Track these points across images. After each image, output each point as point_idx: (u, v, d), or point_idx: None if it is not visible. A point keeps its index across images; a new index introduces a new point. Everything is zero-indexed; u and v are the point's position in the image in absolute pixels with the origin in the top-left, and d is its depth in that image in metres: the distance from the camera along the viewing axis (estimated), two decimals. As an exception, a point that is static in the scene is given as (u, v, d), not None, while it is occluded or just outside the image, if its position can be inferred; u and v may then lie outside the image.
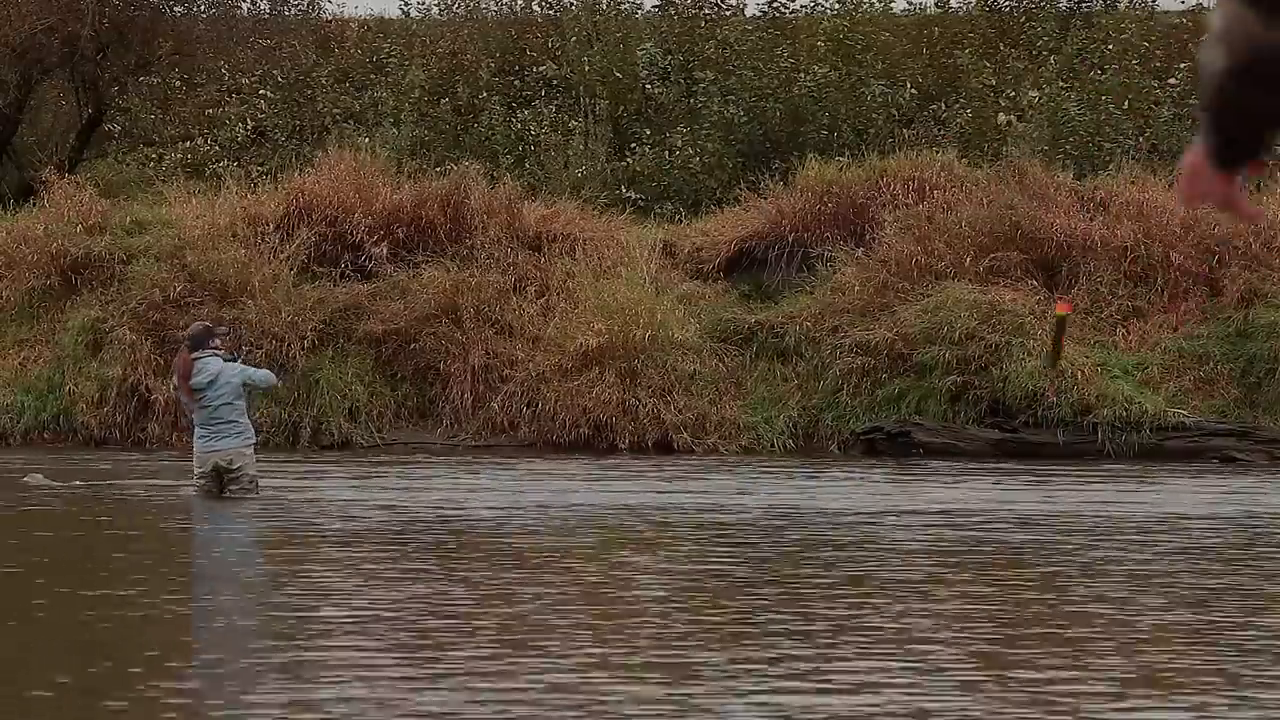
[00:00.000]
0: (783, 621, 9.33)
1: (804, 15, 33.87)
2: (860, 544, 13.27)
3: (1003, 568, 12.18)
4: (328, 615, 9.45)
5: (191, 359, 16.26)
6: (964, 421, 23.94)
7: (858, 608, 9.93)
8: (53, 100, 34.69)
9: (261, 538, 13.72)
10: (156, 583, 10.87)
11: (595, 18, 32.94)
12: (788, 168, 28.08)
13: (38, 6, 31.48)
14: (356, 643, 8.64)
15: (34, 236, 26.51)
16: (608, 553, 12.77)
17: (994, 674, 8.04)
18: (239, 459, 15.97)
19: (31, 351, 25.83)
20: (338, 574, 11.17)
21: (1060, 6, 33.59)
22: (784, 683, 7.63)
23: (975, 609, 10.06)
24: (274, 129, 32.42)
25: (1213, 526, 15.15)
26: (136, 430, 25.02)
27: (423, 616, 9.44)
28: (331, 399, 24.96)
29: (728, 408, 24.64)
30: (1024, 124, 29.15)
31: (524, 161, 30.30)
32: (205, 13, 34.42)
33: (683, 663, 8.09)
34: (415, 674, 7.82)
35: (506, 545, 13.04)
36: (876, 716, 7.06)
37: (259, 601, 10.26)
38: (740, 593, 10.63)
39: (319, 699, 7.25)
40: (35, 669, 8.15)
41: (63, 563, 11.98)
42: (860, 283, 25.24)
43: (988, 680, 7.90)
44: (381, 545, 12.98)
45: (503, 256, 26.23)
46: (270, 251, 26.01)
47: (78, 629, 9.14)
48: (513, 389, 24.91)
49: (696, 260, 26.76)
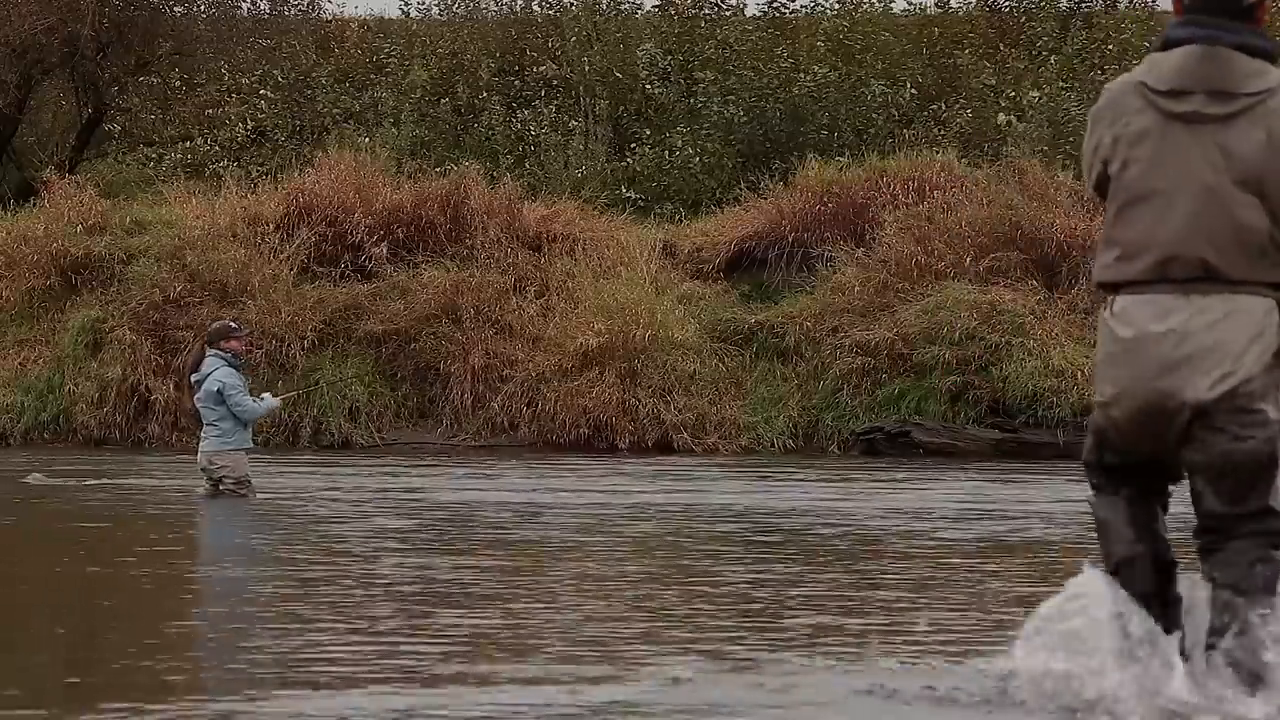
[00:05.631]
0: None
1: (804, 15, 33.91)
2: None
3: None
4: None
5: (206, 355, 16.36)
6: (964, 421, 23.95)
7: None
8: (53, 100, 34.71)
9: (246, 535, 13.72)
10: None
11: (595, 18, 32.96)
12: (788, 168, 28.10)
13: (38, 6, 31.49)
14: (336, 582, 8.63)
15: (34, 236, 26.54)
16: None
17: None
18: (216, 460, 16.09)
19: (31, 351, 25.85)
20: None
21: (1060, 6, 33.60)
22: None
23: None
24: (274, 129, 32.43)
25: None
26: (136, 430, 25.04)
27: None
28: (331, 399, 24.98)
29: (728, 408, 24.66)
30: (1024, 124, 29.16)
31: (524, 161, 30.31)
32: (205, 13, 34.44)
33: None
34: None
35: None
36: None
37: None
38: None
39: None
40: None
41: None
42: (860, 283, 25.25)
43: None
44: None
45: (503, 256, 26.24)
46: (270, 251, 26.03)
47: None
48: (513, 389, 24.93)
49: (696, 260, 26.77)
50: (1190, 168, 5.87)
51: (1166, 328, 5.79)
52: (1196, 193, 5.85)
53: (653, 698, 6.41)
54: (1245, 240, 5.82)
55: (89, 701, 6.47)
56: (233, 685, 6.83)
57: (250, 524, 14.28)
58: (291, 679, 6.93)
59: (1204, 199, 5.84)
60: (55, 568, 11.47)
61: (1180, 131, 5.89)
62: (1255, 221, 5.82)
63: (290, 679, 6.93)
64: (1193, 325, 5.78)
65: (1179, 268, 5.82)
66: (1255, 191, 5.83)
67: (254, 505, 15.64)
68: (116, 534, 13.52)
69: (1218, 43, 5.90)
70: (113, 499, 16.35)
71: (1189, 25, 5.96)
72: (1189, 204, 5.85)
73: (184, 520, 14.86)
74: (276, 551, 12.14)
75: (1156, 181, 5.89)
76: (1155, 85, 5.93)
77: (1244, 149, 5.84)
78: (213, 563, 12.08)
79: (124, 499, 16.40)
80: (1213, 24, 5.92)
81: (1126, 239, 5.90)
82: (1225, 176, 5.84)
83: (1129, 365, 5.83)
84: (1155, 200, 5.88)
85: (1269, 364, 5.80)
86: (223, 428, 16.10)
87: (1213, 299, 5.80)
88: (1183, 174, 5.87)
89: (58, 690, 6.91)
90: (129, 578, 10.66)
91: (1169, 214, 5.86)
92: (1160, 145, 5.91)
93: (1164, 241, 5.84)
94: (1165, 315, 5.80)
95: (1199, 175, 5.86)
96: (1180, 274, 5.82)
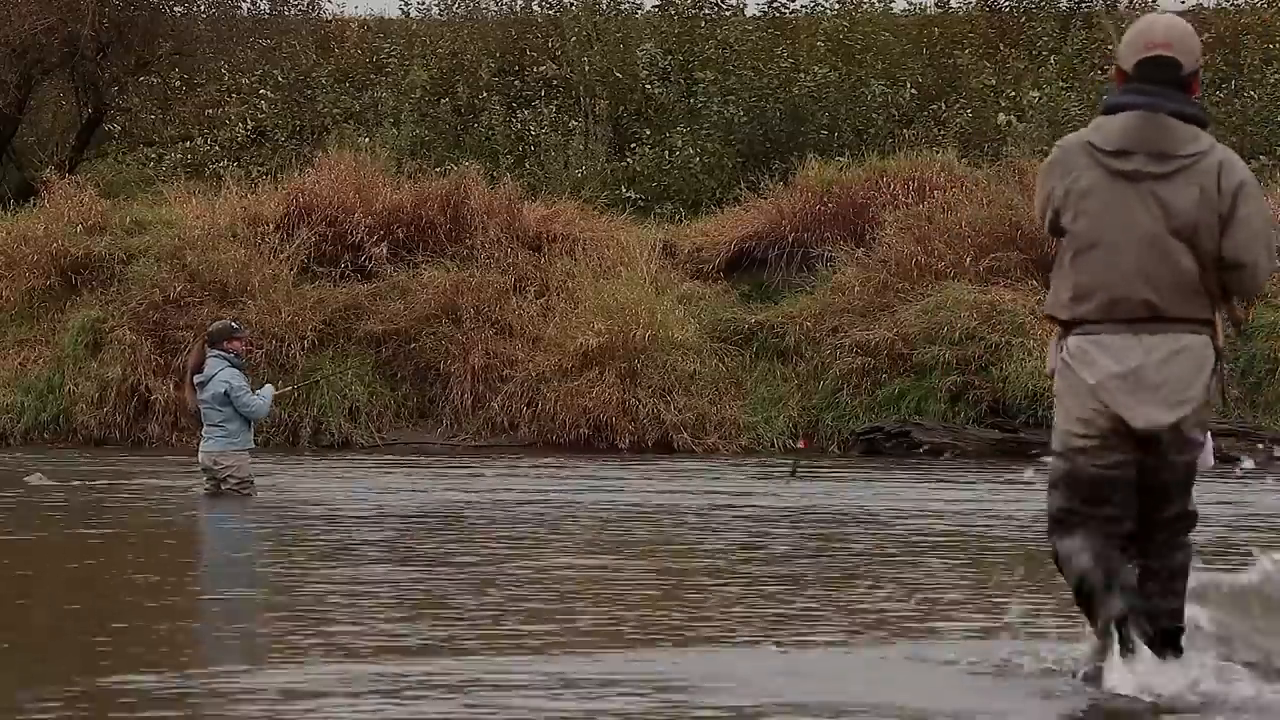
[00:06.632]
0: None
1: (804, 15, 33.92)
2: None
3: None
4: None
5: (207, 355, 16.34)
6: (964, 421, 23.95)
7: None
8: (53, 100, 34.70)
9: (246, 533, 13.73)
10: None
11: (595, 18, 32.95)
12: (788, 168, 28.09)
13: (38, 6, 31.48)
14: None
15: (34, 236, 26.53)
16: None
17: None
18: (221, 460, 16.14)
19: (31, 351, 25.85)
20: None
21: (1060, 6, 33.61)
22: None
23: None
24: (274, 129, 32.42)
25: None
26: (136, 430, 25.03)
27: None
28: (331, 399, 24.97)
29: (728, 408, 24.65)
30: (1024, 124, 29.15)
31: (524, 161, 30.31)
32: (205, 13, 34.44)
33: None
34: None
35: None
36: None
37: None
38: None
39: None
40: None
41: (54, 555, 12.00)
42: (860, 283, 25.25)
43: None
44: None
45: (503, 256, 26.24)
46: (270, 251, 26.03)
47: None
48: (513, 389, 24.92)
49: (696, 260, 26.77)
50: (1134, 219, 6.69)
51: (1125, 369, 6.64)
52: (1140, 241, 6.68)
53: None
54: (1182, 283, 6.67)
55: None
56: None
57: (252, 522, 14.28)
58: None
59: (1146, 246, 6.68)
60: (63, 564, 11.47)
61: (1125, 187, 6.72)
62: (1189, 266, 6.67)
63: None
64: (1146, 365, 6.63)
65: (1125, 308, 6.68)
66: (1189, 240, 6.67)
67: (258, 503, 15.67)
68: (117, 534, 13.52)
69: (1159, 110, 6.71)
70: (113, 499, 16.35)
71: (1131, 93, 6.77)
72: (1133, 251, 6.69)
73: (185, 520, 14.86)
74: (282, 549, 12.12)
75: (1105, 231, 6.73)
76: (1101, 145, 6.75)
77: (1180, 203, 6.66)
78: (216, 556, 12.07)
79: (125, 498, 16.40)
80: (1154, 92, 6.72)
81: (1079, 282, 6.77)
82: (1164, 227, 6.68)
83: (1096, 403, 6.70)
84: (1104, 248, 6.73)
85: (1207, 396, 6.70)
86: (228, 428, 16.13)
87: (1159, 338, 6.67)
88: (1127, 224, 6.70)
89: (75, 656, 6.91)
90: (129, 577, 10.66)
91: (1116, 260, 6.71)
92: (1107, 199, 6.74)
93: (1112, 284, 6.70)
94: (1121, 358, 6.66)
95: (1141, 225, 6.69)
96: (1126, 314, 6.68)
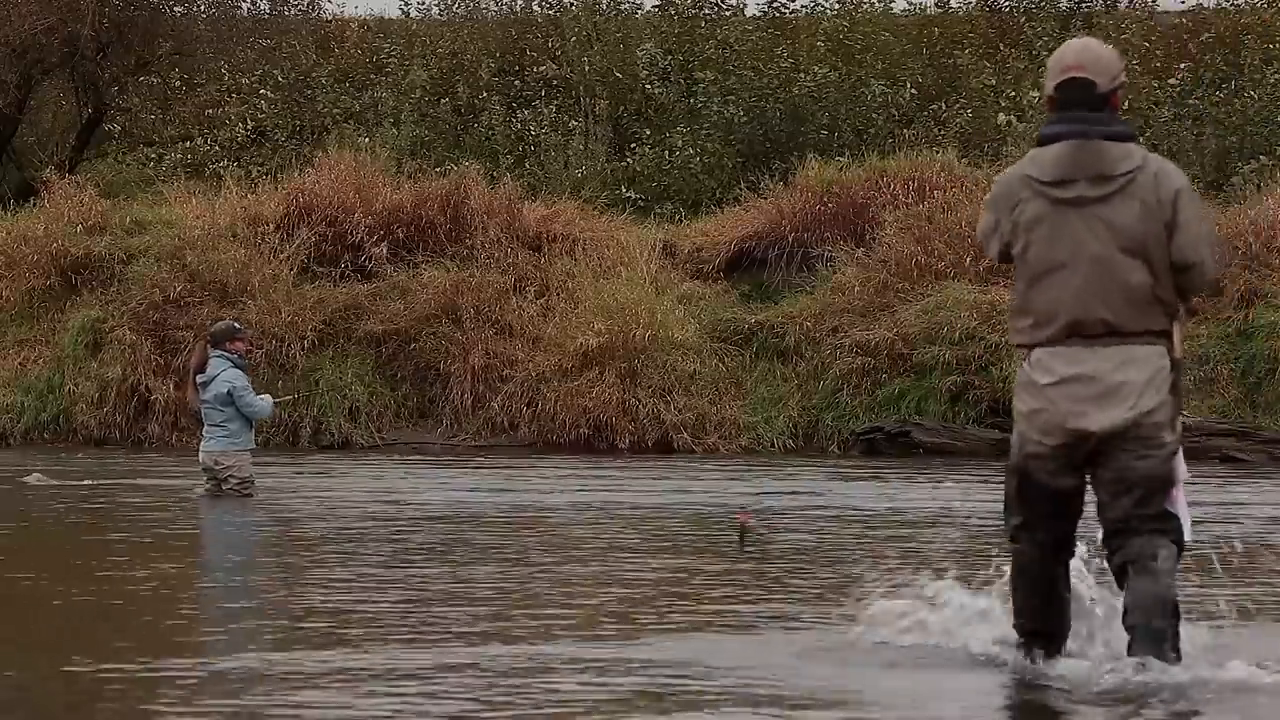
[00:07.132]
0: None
1: (804, 15, 33.89)
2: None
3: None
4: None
5: (209, 356, 16.35)
6: (964, 421, 23.95)
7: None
8: (53, 100, 34.70)
9: (247, 532, 13.73)
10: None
11: (595, 18, 32.94)
12: (788, 168, 28.09)
13: (38, 6, 31.47)
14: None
15: (34, 236, 26.54)
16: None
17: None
18: (223, 460, 16.16)
19: (31, 351, 25.85)
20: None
21: (1060, 6, 33.59)
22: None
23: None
24: (274, 129, 32.41)
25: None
26: (136, 430, 25.03)
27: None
28: (331, 399, 24.97)
29: (728, 408, 24.65)
30: (1024, 124, 29.14)
31: (524, 161, 30.30)
32: (205, 13, 34.42)
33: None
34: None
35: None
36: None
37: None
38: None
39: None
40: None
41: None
42: (860, 283, 25.25)
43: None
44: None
45: (503, 256, 26.24)
46: (270, 251, 26.03)
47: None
48: (513, 389, 24.92)
49: (696, 260, 26.77)
50: (1082, 243, 7.05)
51: (1079, 372, 7.01)
52: (1090, 263, 7.03)
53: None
54: (1134, 299, 7.02)
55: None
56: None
57: (254, 520, 14.28)
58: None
59: (1096, 268, 7.03)
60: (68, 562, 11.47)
61: (1070, 213, 7.07)
62: (1140, 280, 7.02)
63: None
64: (1100, 370, 7.00)
65: (1085, 328, 7.04)
66: (1139, 255, 7.02)
67: (259, 502, 15.68)
68: (117, 534, 13.52)
69: (1088, 136, 7.07)
70: (113, 498, 16.36)
71: (1060, 123, 7.15)
72: (1084, 273, 7.03)
73: (187, 518, 14.87)
74: (287, 547, 12.13)
75: (1055, 257, 7.07)
76: (1040, 177, 7.11)
77: (1124, 220, 7.02)
78: (218, 557, 12.08)
79: (124, 499, 16.40)
80: (1079, 119, 7.10)
81: (1037, 308, 7.10)
82: (1113, 247, 7.02)
83: (1050, 404, 7.02)
84: (1057, 273, 7.07)
85: (1166, 400, 7.01)
86: (230, 429, 16.15)
87: (1113, 349, 7.01)
88: (1076, 249, 7.05)
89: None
90: (131, 575, 10.67)
91: (1070, 283, 7.04)
92: (1054, 227, 7.07)
93: (1069, 307, 7.04)
94: (1077, 363, 7.01)
95: (1089, 248, 7.04)
96: (1086, 333, 7.04)
